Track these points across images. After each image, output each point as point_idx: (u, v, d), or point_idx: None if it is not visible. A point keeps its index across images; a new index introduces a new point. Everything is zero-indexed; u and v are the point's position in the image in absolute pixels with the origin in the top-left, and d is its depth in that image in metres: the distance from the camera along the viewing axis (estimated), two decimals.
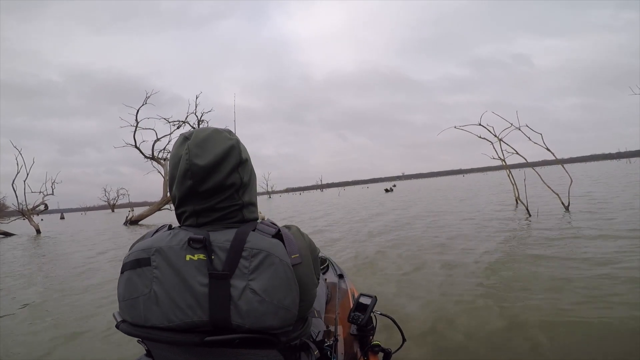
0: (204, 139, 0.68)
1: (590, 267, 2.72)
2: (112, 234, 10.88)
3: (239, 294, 0.60)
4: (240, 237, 0.64)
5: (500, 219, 5.82)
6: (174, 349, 0.65)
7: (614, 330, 1.74)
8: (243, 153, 0.72)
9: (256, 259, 0.62)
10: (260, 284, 0.61)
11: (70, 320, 2.62)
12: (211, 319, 0.60)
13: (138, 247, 0.66)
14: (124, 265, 0.65)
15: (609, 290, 2.21)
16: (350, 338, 1.16)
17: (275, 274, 0.62)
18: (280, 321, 0.62)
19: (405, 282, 2.88)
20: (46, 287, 3.88)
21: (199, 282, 0.61)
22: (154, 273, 0.62)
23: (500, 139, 6.59)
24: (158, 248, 0.64)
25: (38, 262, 5.90)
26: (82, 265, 5.08)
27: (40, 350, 2.11)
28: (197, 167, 0.65)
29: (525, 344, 1.71)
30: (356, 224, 7.21)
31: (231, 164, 0.68)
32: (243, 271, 0.61)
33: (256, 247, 0.63)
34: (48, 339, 2.27)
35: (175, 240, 0.65)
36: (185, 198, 0.68)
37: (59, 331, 2.41)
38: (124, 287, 0.64)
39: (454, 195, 13.49)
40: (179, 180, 0.68)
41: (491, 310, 2.12)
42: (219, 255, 0.63)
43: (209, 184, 0.66)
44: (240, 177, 0.70)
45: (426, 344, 1.80)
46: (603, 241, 3.50)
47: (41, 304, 3.18)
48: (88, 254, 6.25)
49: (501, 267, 3.04)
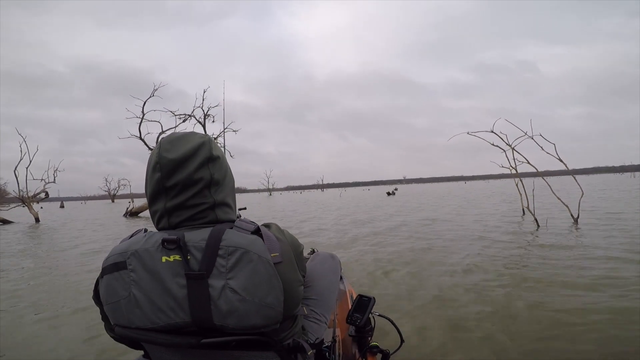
0: (177, 137, 0.69)
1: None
2: (113, 226, 10.79)
3: (218, 293, 0.59)
4: (216, 235, 0.63)
5: (507, 230, 5.69)
6: (171, 351, 0.66)
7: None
8: (214, 150, 0.71)
9: (233, 257, 0.61)
10: (239, 282, 0.60)
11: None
12: (193, 320, 0.60)
13: (115, 250, 0.65)
14: (103, 270, 0.64)
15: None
16: (348, 339, 1.15)
17: (255, 272, 0.60)
18: (264, 320, 0.61)
19: (403, 284, 2.89)
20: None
21: (177, 284, 0.60)
22: (131, 276, 0.62)
23: (513, 147, 6.46)
24: (133, 251, 0.63)
25: (30, 267, 5.09)
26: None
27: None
28: (166, 160, 0.66)
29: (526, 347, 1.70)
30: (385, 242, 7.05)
31: (200, 157, 0.68)
32: (220, 270, 0.60)
33: (232, 244, 0.61)
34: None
35: (150, 242, 0.64)
36: (156, 194, 0.68)
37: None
38: (104, 291, 0.64)
39: (459, 203, 13.37)
40: (149, 175, 0.69)
41: (491, 314, 2.14)
42: (195, 255, 0.61)
43: (178, 177, 0.66)
44: (211, 173, 0.69)
45: (424, 345, 1.80)
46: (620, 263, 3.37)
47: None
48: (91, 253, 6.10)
49: (502, 273, 3.07)
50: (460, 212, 9.18)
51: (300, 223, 8.61)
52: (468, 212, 8.96)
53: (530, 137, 6.32)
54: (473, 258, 3.64)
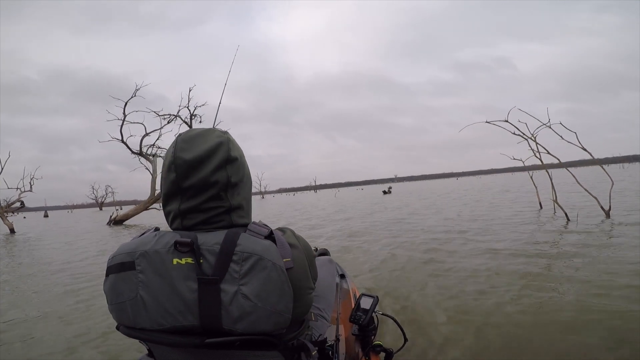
0: (194, 135, 0.67)
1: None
2: (94, 235, 9.90)
3: (229, 299, 0.58)
4: (231, 239, 0.60)
5: (531, 222, 5.12)
6: (175, 350, 0.65)
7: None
8: (233, 151, 0.67)
9: (247, 263, 0.59)
10: (251, 288, 0.58)
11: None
12: (202, 324, 0.59)
13: (122, 249, 0.63)
14: (109, 269, 0.62)
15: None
16: (351, 338, 1.15)
17: (268, 278, 0.59)
18: (274, 325, 0.60)
19: (405, 282, 2.83)
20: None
21: (187, 288, 0.59)
22: (139, 277, 0.60)
23: (534, 137, 5.92)
24: (143, 252, 0.61)
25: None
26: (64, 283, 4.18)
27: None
28: (181, 161, 0.63)
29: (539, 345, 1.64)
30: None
31: (218, 159, 0.64)
32: (233, 275, 0.58)
33: (247, 250, 0.59)
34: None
35: (160, 243, 0.61)
36: (170, 195, 0.66)
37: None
38: (109, 291, 0.62)
39: (469, 198, 12.86)
40: (163, 175, 0.66)
41: (495, 313, 2.06)
42: (208, 259, 0.60)
43: (193, 179, 0.63)
44: (228, 176, 0.65)
45: (428, 344, 1.74)
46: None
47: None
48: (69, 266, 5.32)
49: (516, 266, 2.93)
50: (478, 210, 8.61)
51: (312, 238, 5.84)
52: (483, 211, 8.42)
53: (548, 125, 5.89)
54: (490, 259, 3.32)
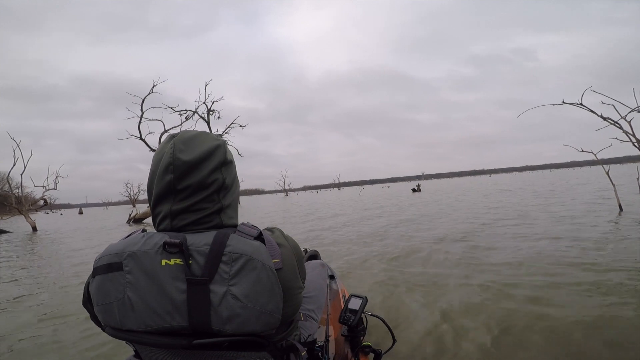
0: (190, 137, 0.67)
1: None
2: (109, 232, 9.45)
3: (219, 299, 0.58)
4: (220, 240, 0.61)
5: None
6: (162, 351, 0.65)
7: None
8: (228, 154, 0.70)
9: (237, 264, 0.59)
10: (241, 289, 0.59)
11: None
12: (190, 325, 0.59)
13: (109, 250, 0.63)
14: (95, 269, 0.62)
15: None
16: (341, 339, 1.16)
17: (258, 279, 0.59)
18: (263, 326, 0.60)
19: (398, 284, 2.67)
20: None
21: (176, 288, 0.59)
22: (126, 278, 0.60)
23: (629, 120, 4.49)
24: (131, 252, 0.61)
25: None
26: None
27: None
28: (181, 162, 0.64)
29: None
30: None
31: (215, 161, 0.67)
32: (223, 276, 0.59)
33: (237, 251, 0.60)
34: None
35: (149, 244, 0.62)
36: (163, 196, 0.66)
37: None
38: (96, 292, 0.61)
39: (533, 193, 11.21)
40: (159, 175, 0.66)
41: (485, 313, 1.96)
42: (197, 260, 0.60)
43: (190, 180, 0.64)
44: (223, 177, 0.68)
45: (416, 344, 1.69)
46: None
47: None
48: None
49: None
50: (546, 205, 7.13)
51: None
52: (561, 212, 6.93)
53: (638, 110, 4.48)
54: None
